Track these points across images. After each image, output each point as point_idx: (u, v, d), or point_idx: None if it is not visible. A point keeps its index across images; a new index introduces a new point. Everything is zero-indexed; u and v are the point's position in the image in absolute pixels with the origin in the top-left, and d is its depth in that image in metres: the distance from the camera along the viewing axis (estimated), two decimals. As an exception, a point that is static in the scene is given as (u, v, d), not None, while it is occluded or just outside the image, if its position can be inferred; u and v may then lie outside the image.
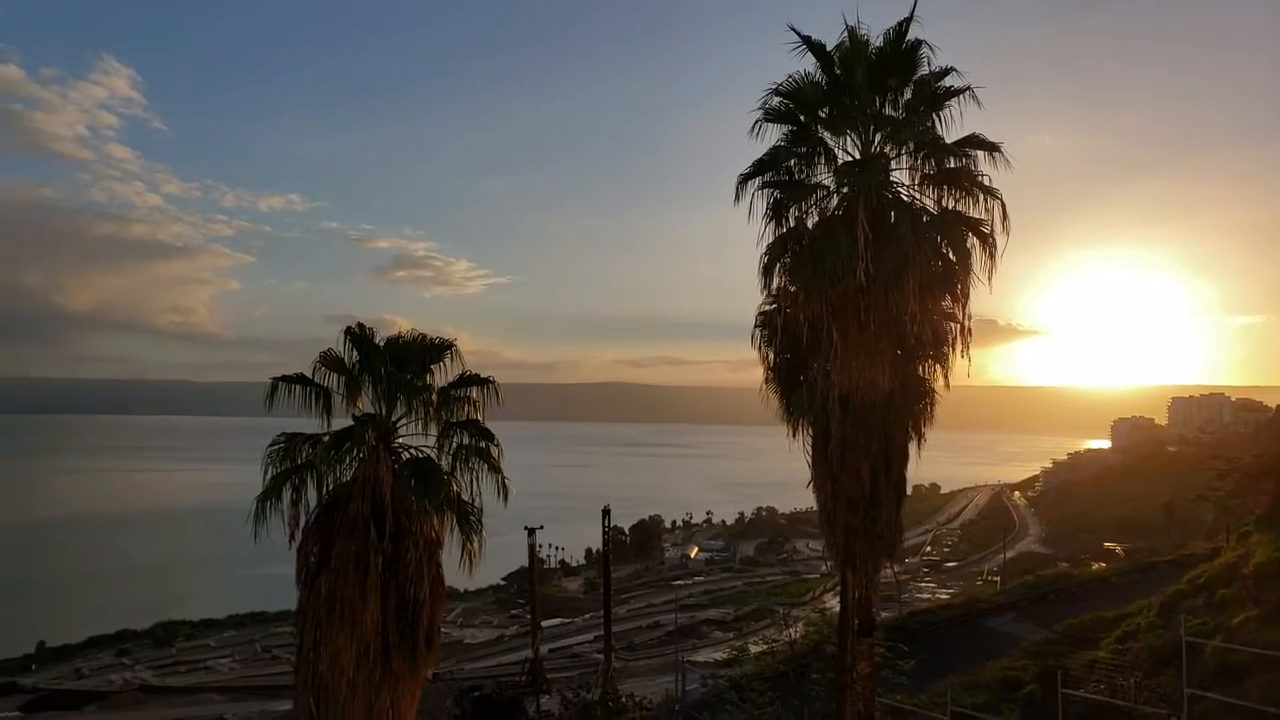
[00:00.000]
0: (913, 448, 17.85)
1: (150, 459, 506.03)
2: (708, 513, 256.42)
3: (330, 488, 16.78)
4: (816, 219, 17.46)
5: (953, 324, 17.38)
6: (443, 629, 19.48)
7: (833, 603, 78.92)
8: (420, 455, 17.41)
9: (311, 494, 16.84)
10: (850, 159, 17.44)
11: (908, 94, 17.44)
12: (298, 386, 17.20)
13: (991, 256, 16.90)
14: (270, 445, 17.04)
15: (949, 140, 17.13)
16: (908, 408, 17.46)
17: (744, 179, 17.57)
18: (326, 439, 17.00)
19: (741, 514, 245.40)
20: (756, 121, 17.56)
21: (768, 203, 17.49)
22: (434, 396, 17.56)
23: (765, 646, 34.87)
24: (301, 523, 16.73)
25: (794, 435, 18.24)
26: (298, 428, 17.30)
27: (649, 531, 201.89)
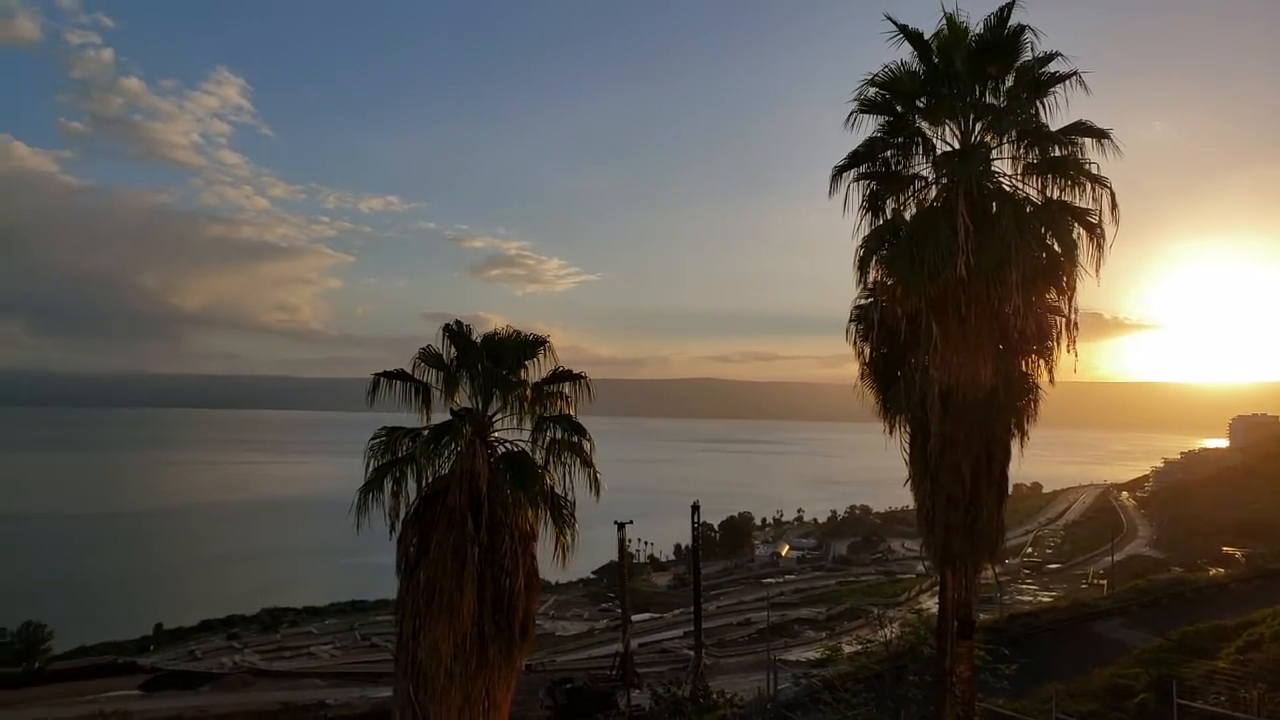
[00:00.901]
0: (1015, 445, 17.31)
1: (257, 452, 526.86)
2: (799, 510, 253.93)
3: (429, 480, 17.11)
4: (914, 211, 17.08)
5: (1058, 318, 16.81)
6: (535, 620, 19.70)
7: (930, 603, 77.25)
8: (515, 449, 17.64)
9: (411, 486, 17.19)
10: (949, 149, 17.00)
11: (1009, 81, 16.90)
12: (398, 382, 17.61)
13: (1099, 248, 16.27)
14: (372, 439, 17.45)
15: (1054, 128, 16.54)
16: (1010, 404, 16.93)
17: (839, 171, 17.27)
18: (426, 433, 17.34)
19: (834, 512, 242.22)
20: (852, 113, 17.24)
21: (864, 195, 17.17)
22: (528, 392, 17.76)
23: (859, 646, 34.22)
24: (401, 514, 17.13)
25: (891, 432, 17.89)
26: (398, 422, 17.74)
27: (739, 528, 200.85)
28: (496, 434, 17.77)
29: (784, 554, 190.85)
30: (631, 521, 65.14)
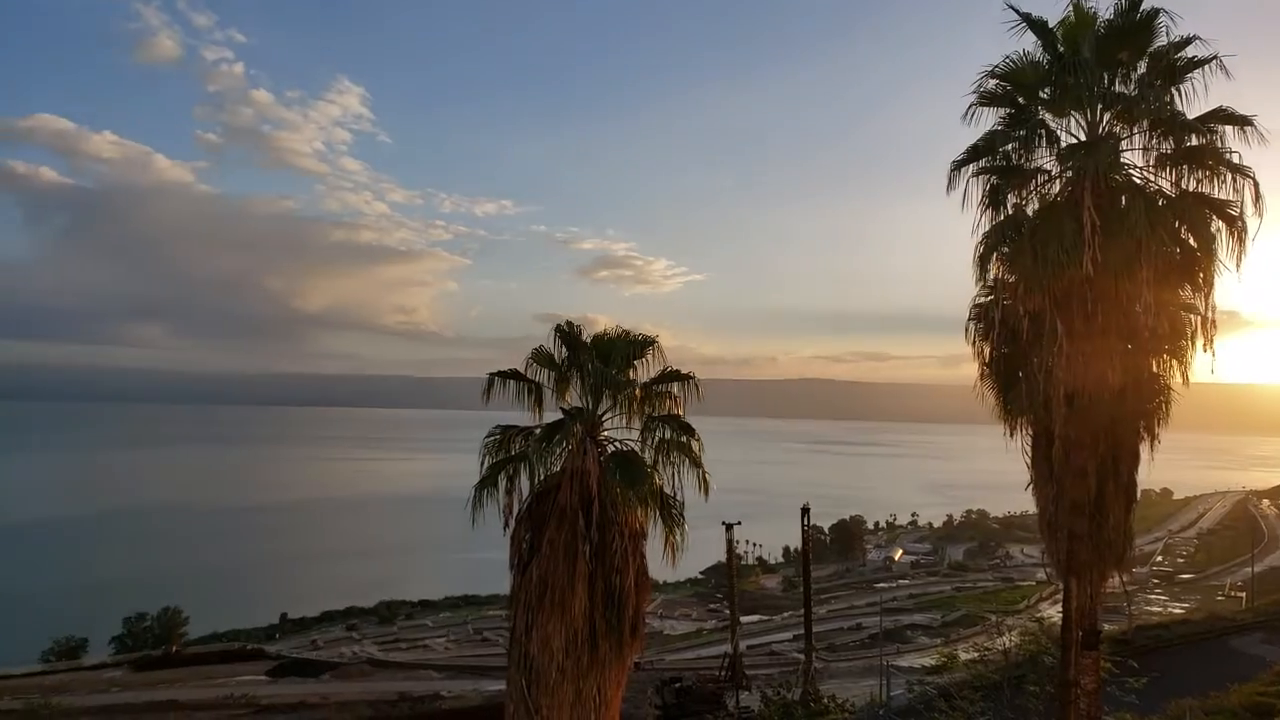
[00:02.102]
0: (1144, 449, 16.65)
1: (377, 449, 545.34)
2: (913, 514, 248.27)
3: (541, 478, 17.40)
4: (1037, 206, 16.51)
5: (1193, 315, 15.97)
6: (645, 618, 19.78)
7: (1051, 612, 74.46)
8: (625, 448, 17.76)
9: (524, 483, 17.54)
10: (1075, 141, 16.35)
11: (1141, 68, 16.17)
12: (512, 381, 17.99)
13: (1241, 241, 15.40)
14: (486, 437, 17.89)
15: (1190, 115, 15.70)
16: (1139, 406, 16.23)
17: (957, 166, 16.82)
18: (538, 431, 17.66)
19: (950, 516, 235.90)
20: (970, 106, 16.77)
21: (983, 190, 16.69)
22: (637, 391, 17.88)
23: (976, 654, 33.22)
24: (515, 510, 17.47)
25: (1011, 435, 17.33)
26: (511, 420, 18.11)
27: (850, 532, 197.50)
28: (606, 433, 17.93)
29: (897, 558, 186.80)
30: (740, 523, 64.71)
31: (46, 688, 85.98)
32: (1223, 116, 15.53)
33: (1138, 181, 15.95)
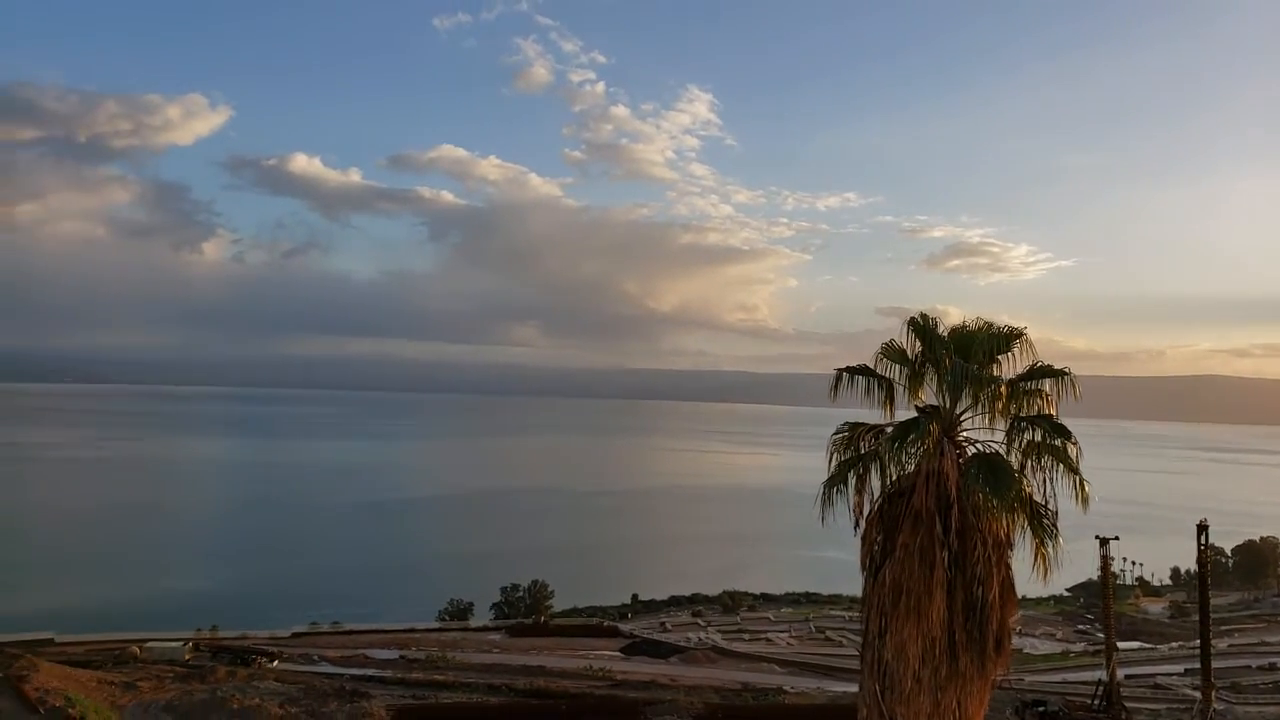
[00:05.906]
0: None
1: (722, 442, 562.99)
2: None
3: (894, 478, 16.68)
4: None
5: None
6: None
7: None
8: (987, 450, 16.58)
9: (874, 483, 16.92)
10: None
11: None
12: (860, 377, 17.49)
13: None
14: (834, 434, 17.46)
15: None
16: None
17: None
18: (889, 430, 16.92)
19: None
20: None
21: None
22: (1002, 389, 16.58)
23: None
24: (865, 511, 16.88)
25: None
26: (855, 418, 17.53)
27: (1261, 555, 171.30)
28: (965, 433, 16.92)
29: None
30: (1117, 537, 58.99)
31: (444, 643, 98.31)
32: None
33: None
